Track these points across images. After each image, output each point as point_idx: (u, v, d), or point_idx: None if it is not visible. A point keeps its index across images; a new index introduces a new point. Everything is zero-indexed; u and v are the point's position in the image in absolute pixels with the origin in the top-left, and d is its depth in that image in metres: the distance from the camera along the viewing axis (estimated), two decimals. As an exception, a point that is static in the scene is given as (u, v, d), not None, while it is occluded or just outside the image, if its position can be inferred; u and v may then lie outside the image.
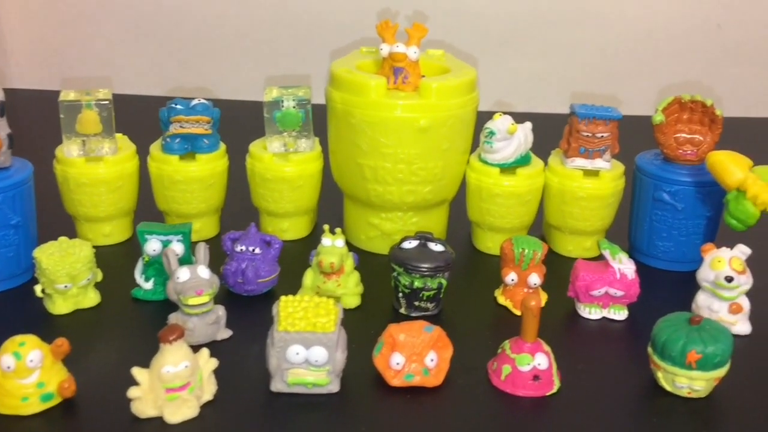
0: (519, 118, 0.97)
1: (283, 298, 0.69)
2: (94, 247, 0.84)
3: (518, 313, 0.84)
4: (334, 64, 0.94)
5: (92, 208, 0.93)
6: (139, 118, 1.10)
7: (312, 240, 1.00)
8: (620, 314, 0.83)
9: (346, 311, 0.82)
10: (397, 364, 0.70)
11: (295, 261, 0.90)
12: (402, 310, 0.83)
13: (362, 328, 0.79)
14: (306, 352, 0.67)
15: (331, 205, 1.03)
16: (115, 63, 1.49)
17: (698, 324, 0.70)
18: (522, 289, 0.84)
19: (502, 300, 0.85)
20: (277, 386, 0.69)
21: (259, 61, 1.43)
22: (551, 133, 1.03)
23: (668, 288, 0.90)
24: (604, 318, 0.83)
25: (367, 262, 0.91)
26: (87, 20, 1.46)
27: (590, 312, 0.83)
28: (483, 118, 0.97)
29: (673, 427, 0.68)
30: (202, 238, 0.96)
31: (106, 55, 1.48)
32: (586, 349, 0.80)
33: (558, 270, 0.90)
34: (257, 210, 1.00)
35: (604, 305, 0.83)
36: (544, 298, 0.86)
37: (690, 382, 0.69)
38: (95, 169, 0.92)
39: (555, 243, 0.98)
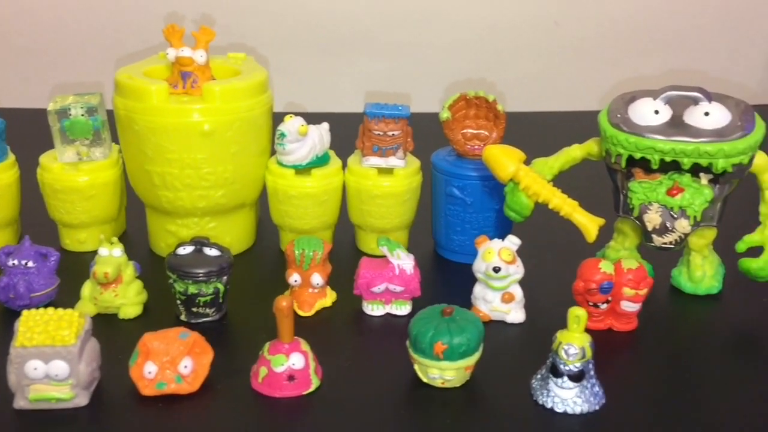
0: (316, 119, 0.97)
1: (25, 312, 0.68)
2: None
3: (302, 313, 0.85)
4: (120, 71, 0.92)
5: None
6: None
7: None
8: (403, 309, 0.84)
9: (125, 322, 0.82)
10: (149, 372, 0.69)
11: (87, 271, 0.89)
12: (182, 317, 0.82)
13: (139, 337, 0.77)
14: (45, 366, 0.65)
15: (140, 213, 1.02)
16: None
17: (450, 315, 0.72)
18: (307, 289, 0.85)
19: (289, 301, 0.86)
20: (19, 404, 0.67)
21: (47, 69, 1.41)
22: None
23: (463, 280, 0.92)
24: (387, 314, 0.85)
25: (165, 270, 0.89)
26: None
27: (373, 309, 0.84)
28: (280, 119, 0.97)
29: (428, 417, 0.69)
30: (-6, 253, 0.94)
31: None
32: (364, 344, 0.81)
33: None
34: (55, 222, 0.97)
35: (386, 301, 0.84)
36: (332, 297, 0.87)
37: (441, 373, 0.71)
38: None
39: (360, 242, 0.99)
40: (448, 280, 0.94)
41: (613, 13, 1.51)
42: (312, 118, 0.97)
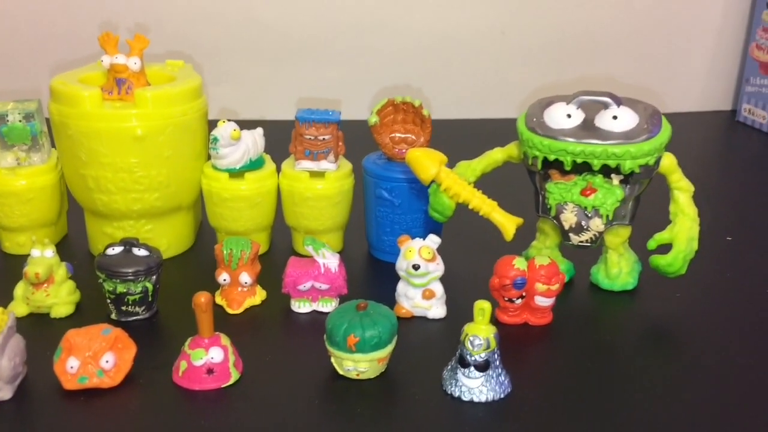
0: (251, 125, 1.00)
1: (-52, 309, 0.70)
2: None
3: (231, 311, 0.87)
4: (55, 78, 0.94)
5: None
6: None
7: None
8: (329, 306, 0.87)
9: (58, 320, 0.84)
10: (71, 367, 0.71)
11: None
12: (113, 316, 0.84)
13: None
14: (-33, 361, 0.68)
15: (82, 217, 1.05)
16: None
17: (364, 310, 0.75)
18: (236, 288, 0.87)
19: (219, 300, 0.88)
20: (-58, 398, 0.69)
21: None
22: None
23: (393, 280, 0.94)
24: (314, 311, 0.88)
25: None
26: None
27: (300, 306, 0.87)
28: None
29: (341, 408, 0.72)
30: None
31: None
32: (290, 340, 0.84)
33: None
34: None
35: (313, 299, 0.87)
36: (261, 296, 0.89)
37: (355, 365, 0.74)
38: None
39: (295, 243, 1.02)
40: (378, 279, 0.97)
41: (550, 25, 1.57)
42: (247, 125, 1.00)
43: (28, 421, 0.69)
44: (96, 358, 0.71)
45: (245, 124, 1.01)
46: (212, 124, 0.99)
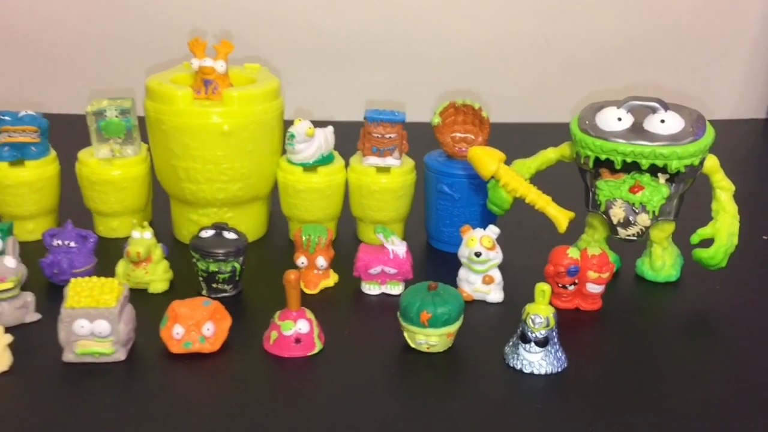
0: (321, 125, 1.09)
1: (73, 280, 0.80)
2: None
3: (308, 291, 0.96)
4: (150, 78, 1.04)
5: (-73, 212, 1.02)
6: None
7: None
8: (396, 289, 0.96)
9: (155, 295, 0.94)
10: (177, 334, 0.81)
11: (119, 254, 1.00)
12: (203, 293, 0.94)
13: (166, 308, 0.88)
14: (91, 325, 0.77)
15: (165, 204, 1.14)
16: None
17: (434, 290, 0.83)
18: (312, 270, 0.96)
19: (296, 281, 0.97)
20: (68, 357, 0.79)
21: (86, 77, 1.57)
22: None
23: (450, 266, 1.02)
24: (382, 293, 0.96)
25: (188, 254, 1.00)
26: None
27: (370, 288, 0.96)
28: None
29: (414, 377, 0.81)
30: (37, 238, 1.05)
31: None
32: (361, 318, 0.93)
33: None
34: (90, 211, 1.09)
35: (382, 282, 0.96)
36: (334, 278, 0.98)
37: (426, 338, 0.82)
38: (-72, 176, 1.00)
39: (360, 232, 1.11)
40: (437, 266, 1.05)
41: (595, 34, 1.65)
42: (317, 124, 1.09)
43: (141, 378, 0.79)
44: (198, 326, 0.81)
45: (317, 123, 1.10)
46: (287, 123, 1.08)
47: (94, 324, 0.77)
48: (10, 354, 0.78)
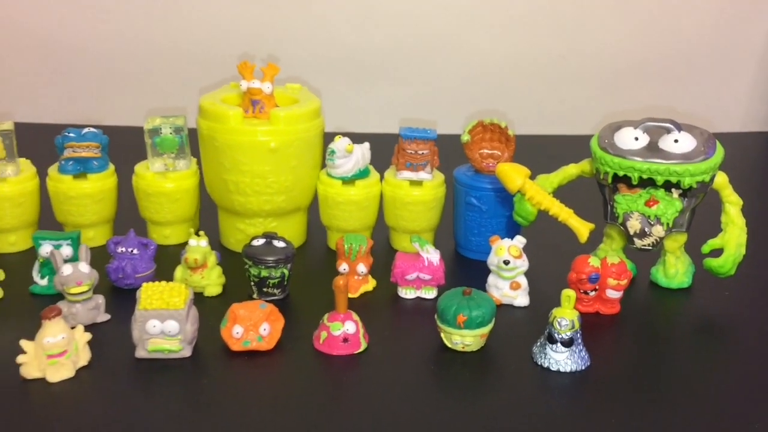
0: (359, 138, 1.18)
1: (144, 284, 0.88)
2: (1, 253, 1.00)
3: (350, 295, 1.04)
4: (203, 98, 1.13)
5: (-2, 221, 1.10)
6: (40, 145, 1.27)
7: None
8: (430, 294, 1.04)
9: (209, 298, 1.02)
10: (237, 333, 0.89)
11: (175, 260, 1.08)
12: (254, 296, 1.02)
13: (222, 309, 0.96)
14: (161, 324, 0.86)
15: (210, 214, 1.23)
16: (18, 95, 1.73)
17: (469, 295, 0.91)
18: (353, 276, 1.05)
19: (338, 286, 1.05)
20: (140, 353, 0.87)
21: (142, 96, 1.71)
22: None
23: (478, 273, 1.11)
24: (417, 297, 1.05)
25: (236, 260, 1.09)
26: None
27: (406, 293, 1.04)
28: (331, 139, 1.17)
29: (450, 374, 0.89)
30: (96, 245, 1.14)
31: (12, 89, 1.73)
32: (399, 320, 1.01)
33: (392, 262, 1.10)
34: (144, 220, 1.18)
35: (417, 287, 1.04)
36: (372, 283, 1.06)
37: (462, 339, 0.90)
38: (0, 189, 1.09)
39: (393, 241, 1.19)
40: (466, 273, 1.13)
41: (609, 51, 1.73)
42: (352, 138, 1.18)
43: (206, 373, 0.87)
44: (256, 327, 0.89)
45: (349, 136, 1.18)
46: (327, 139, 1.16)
47: (164, 324, 0.86)
48: (89, 350, 0.86)
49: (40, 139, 1.30)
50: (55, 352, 0.82)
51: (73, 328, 0.86)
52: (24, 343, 0.82)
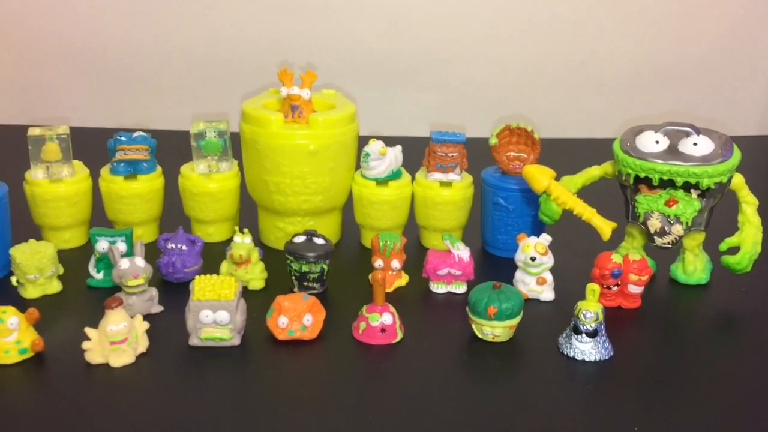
0: (391, 142, 1.24)
1: (197, 277, 0.95)
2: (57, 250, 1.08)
3: (386, 289, 1.10)
4: (245, 103, 1.20)
5: (54, 219, 1.18)
6: (93, 147, 1.34)
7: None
8: (460, 289, 1.10)
9: (253, 292, 1.08)
10: (282, 323, 0.95)
11: (218, 256, 1.15)
12: (295, 290, 1.08)
13: (265, 302, 1.03)
14: (213, 315, 0.92)
15: (250, 213, 1.29)
16: (74, 101, 1.83)
17: (498, 288, 0.97)
18: (388, 272, 1.10)
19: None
20: (193, 341, 0.94)
21: (188, 101, 1.81)
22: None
23: (504, 269, 1.16)
24: (448, 292, 1.10)
25: (275, 256, 1.16)
26: (46, 66, 1.80)
27: (438, 287, 1.10)
28: (365, 142, 1.24)
29: (482, 362, 0.95)
30: (145, 242, 1.20)
31: (69, 97, 1.83)
32: (432, 313, 1.07)
33: (423, 259, 1.16)
34: (189, 218, 1.25)
35: (448, 282, 1.10)
36: (405, 279, 1.12)
37: (492, 330, 0.96)
38: (57, 189, 1.17)
39: (423, 239, 1.25)
40: (494, 269, 1.19)
41: (629, 57, 1.79)
42: (385, 141, 1.24)
43: (254, 360, 0.94)
44: (300, 317, 0.95)
45: (381, 137, 1.24)
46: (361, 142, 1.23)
47: (216, 314, 0.92)
48: (147, 339, 0.93)
49: (93, 143, 1.37)
50: (118, 339, 0.89)
51: (132, 317, 0.93)
52: (89, 331, 0.89)
